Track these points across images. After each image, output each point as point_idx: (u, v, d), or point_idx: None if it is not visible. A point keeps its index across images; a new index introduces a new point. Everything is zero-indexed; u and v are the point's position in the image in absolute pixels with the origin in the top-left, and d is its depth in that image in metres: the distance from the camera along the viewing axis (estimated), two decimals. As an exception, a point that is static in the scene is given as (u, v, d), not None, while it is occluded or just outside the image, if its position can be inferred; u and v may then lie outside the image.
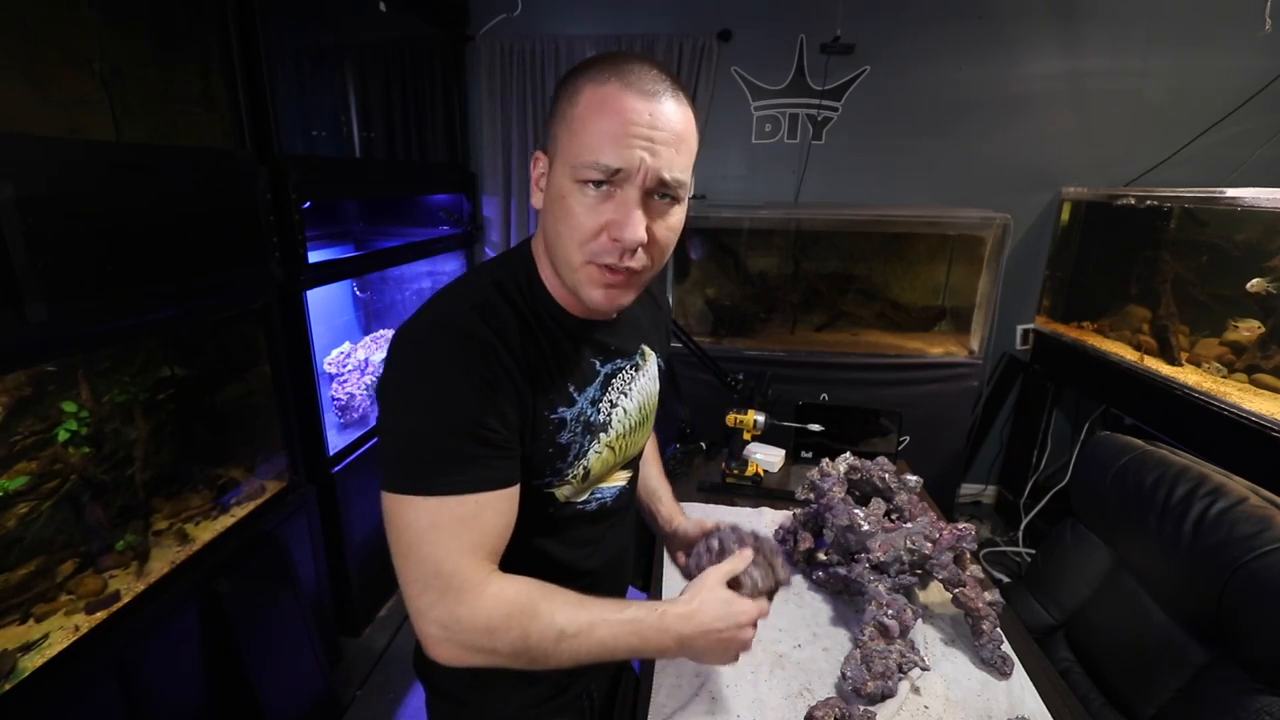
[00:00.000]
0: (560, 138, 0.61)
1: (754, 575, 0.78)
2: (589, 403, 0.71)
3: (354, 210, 2.61)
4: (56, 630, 1.16)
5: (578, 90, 0.60)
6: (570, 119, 0.60)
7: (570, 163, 0.59)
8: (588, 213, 0.60)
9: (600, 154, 0.57)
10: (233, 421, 1.65)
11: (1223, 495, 1.05)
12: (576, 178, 0.59)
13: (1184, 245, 2.16)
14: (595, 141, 0.57)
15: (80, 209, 1.08)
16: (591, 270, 0.63)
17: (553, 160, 0.62)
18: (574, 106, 0.59)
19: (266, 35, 1.51)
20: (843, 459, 1.33)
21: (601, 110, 0.58)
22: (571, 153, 0.59)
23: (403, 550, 0.61)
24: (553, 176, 0.62)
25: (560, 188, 0.61)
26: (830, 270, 2.82)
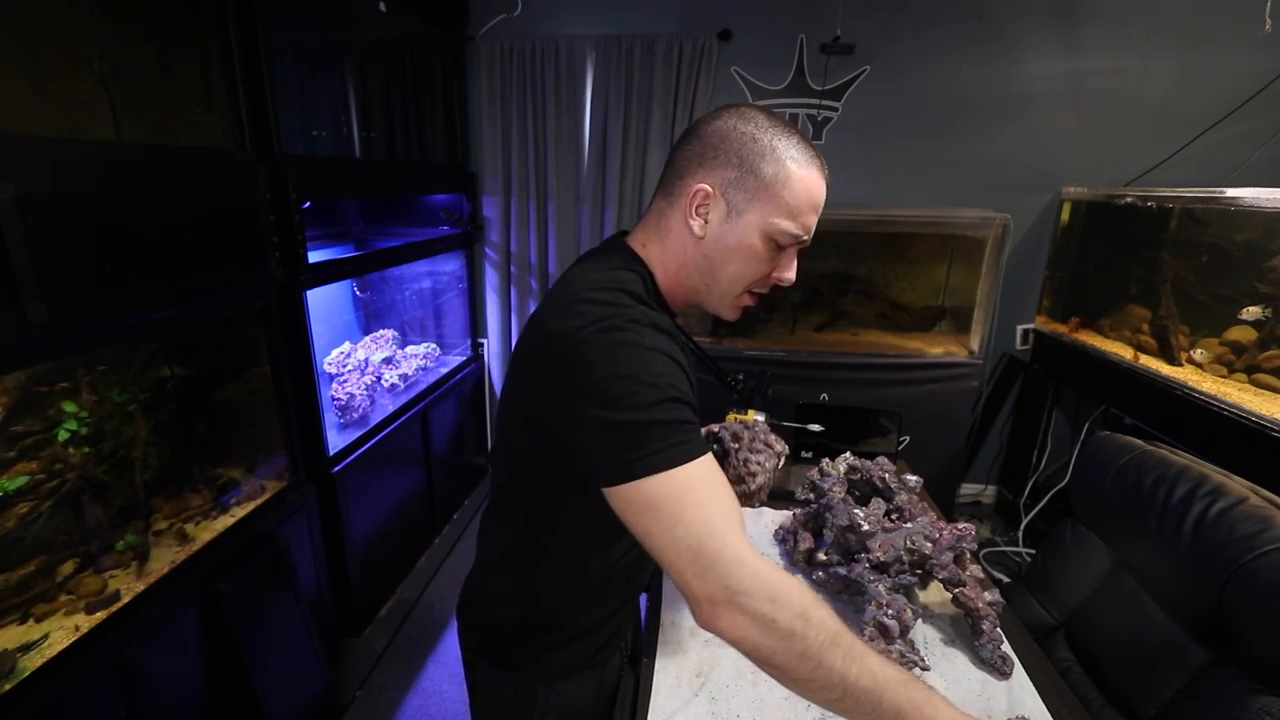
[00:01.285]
0: (759, 197, 0.71)
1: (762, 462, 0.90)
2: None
3: (354, 210, 2.61)
4: (56, 630, 1.16)
5: (786, 168, 0.70)
6: (778, 190, 0.71)
7: (769, 220, 0.72)
8: (766, 262, 0.75)
9: (804, 230, 0.73)
10: (233, 421, 1.65)
11: (1223, 495, 1.05)
12: (771, 235, 0.72)
13: (1184, 245, 2.16)
14: (802, 219, 0.73)
15: (80, 209, 1.08)
16: (744, 299, 0.79)
17: (737, 208, 0.72)
18: (785, 183, 0.71)
19: (266, 35, 1.51)
20: (843, 459, 1.33)
21: (810, 194, 0.72)
22: (774, 216, 0.71)
23: (664, 529, 0.60)
24: (737, 224, 0.72)
25: (747, 238, 0.73)
26: (830, 270, 2.82)
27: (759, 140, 0.71)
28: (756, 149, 0.71)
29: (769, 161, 0.70)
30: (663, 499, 0.60)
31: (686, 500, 0.60)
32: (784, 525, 1.34)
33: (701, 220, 0.73)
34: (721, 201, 0.72)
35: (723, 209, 0.72)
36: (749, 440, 0.90)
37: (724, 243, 0.73)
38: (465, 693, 1.07)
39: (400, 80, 2.47)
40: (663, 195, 0.77)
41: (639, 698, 0.93)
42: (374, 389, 2.25)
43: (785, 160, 0.70)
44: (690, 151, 0.74)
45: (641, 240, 0.78)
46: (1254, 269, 1.89)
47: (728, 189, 0.72)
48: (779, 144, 0.71)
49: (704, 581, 0.59)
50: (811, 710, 0.90)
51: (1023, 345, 2.77)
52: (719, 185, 0.72)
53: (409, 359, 2.51)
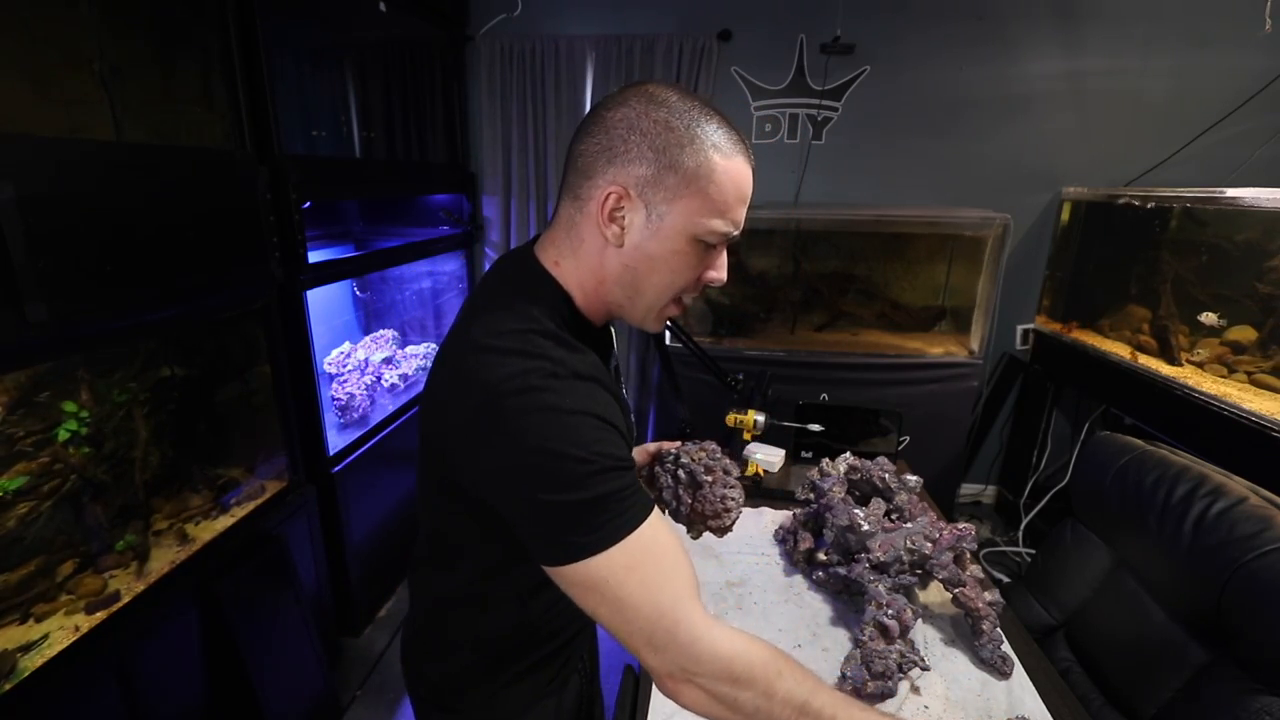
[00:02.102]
0: (680, 195, 0.61)
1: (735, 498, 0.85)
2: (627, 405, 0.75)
3: (354, 210, 2.61)
4: (56, 630, 1.16)
5: (704, 155, 0.61)
6: (700, 181, 0.61)
7: (696, 220, 0.62)
8: (694, 266, 0.65)
9: (734, 226, 0.64)
10: (233, 421, 1.65)
11: (1223, 495, 1.05)
12: (699, 237, 0.63)
13: (1184, 245, 2.16)
14: (731, 214, 0.63)
15: (80, 209, 1.08)
16: (670, 308, 0.68)
17: (657, 211, 0.62)
18: (708, 175, 0.61)
19: (266, 35, 1.51)
20: (843, 459, 1.33)
21: (737, 186, 0.63)
22: (701, 215, 0.62)
23: (612, 610, 0.57)
24: (659, 228, 0.62)
25: (672, 243, 0.63)
26: (830, 270, 2.82)
27: (674, 127, 0.60)
28: (673, 138, 0.60)
29: (689, 152, 0.60)
30: (605, 580, 0.56)
31: (631, 580, 0.56)
32: (784, 525, 1.34)
33: (617, 227, 0.63)
34: (639, 204, 0.62)
35: (641, 212, 0.62)
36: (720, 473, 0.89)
37: (646, 251, 0.63)
38: None
39: (400, 80, 2.47)
40: (570, 199, 0.66)
41: (639, 698, 0.93)
42: (374, 389, 2.25)
43: (708, 149, 0.60)
44: (596, 145, 0.62)
45: (553, 256, 0.68)
46: (1254, 269, 1.89)
47: (644, 189, 0.61)
48: (699, 130, 0.60)
49: (661, 660, 0.57)
50: (811, 710, 0.90)
51: (1023, 345, 2.76)
52: (634, 185, 0.61)
53: (409, 359, 2.51)
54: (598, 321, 0.71)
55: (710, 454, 0.89)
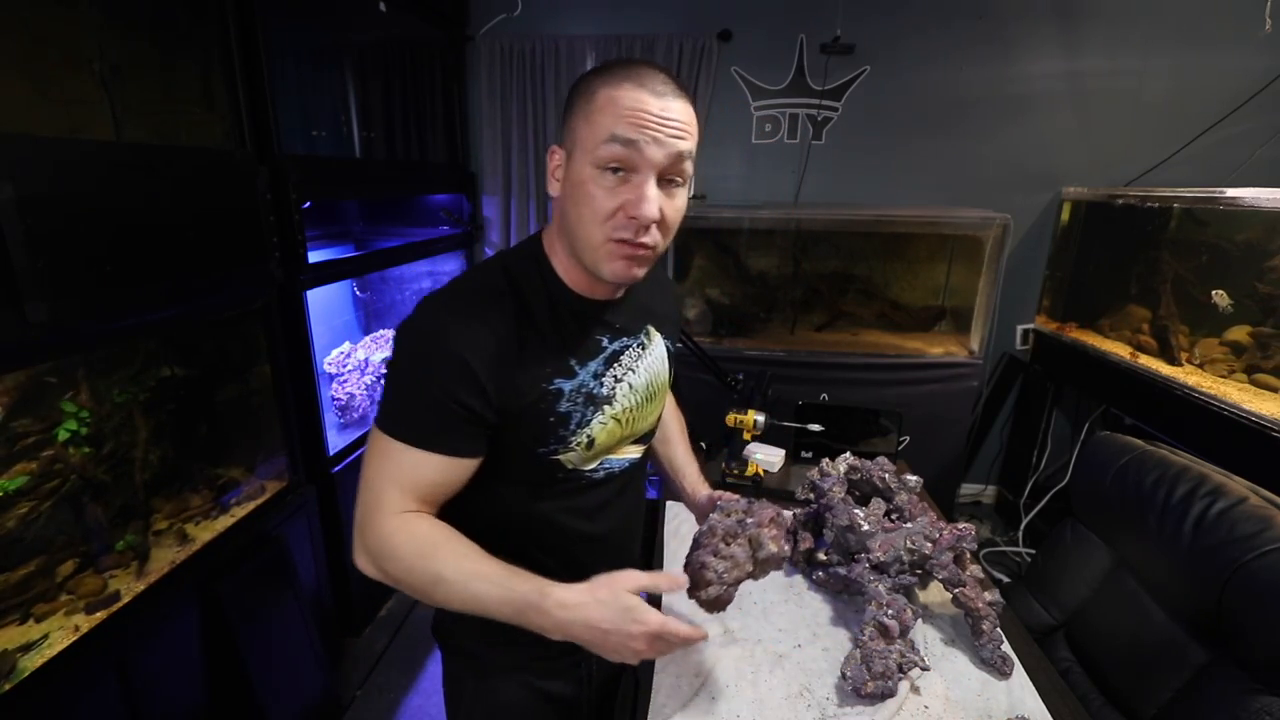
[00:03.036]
0: (578, 130, 0.68)
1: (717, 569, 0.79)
2: (590, 376, 0.77)
3: (354, 210, 2.61)
4: (56, 630, 1.16)
5: (594, 90, 0.67)
6: (589, 113, 0.67)
7: (590, 150, 0.67)
8: (607, 195, 0.68)
9: (623, 142, 0.65)
10: (233, 421, 1.65)
11: (1223, 495, 1.05)
12: (596, 163, 0.67)
13: (1184, 245, 2.16)
14: (613, 127, 0.65)
15: (80, 209, 1.08)
16: (611, 246, 0.70)
17: (571, 152, 0.70)
18: (591, 103, 0.67)
19: (266, 35, 1.51)
20: (843, 459, 1.33)
21: (618, 104, 0.66)
22: (590, 141, 0.67)
23: (363, 471, 0.73)
24: (572, 166, 0.70)
25: (580, 175, 0.68)
26: (830, 270, 2.82)
27: (582, 84, 0.70)
28: (577, 90, 0.70)
29: (583, 94, 0.69)
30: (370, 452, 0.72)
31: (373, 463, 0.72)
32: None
33: (556, 181, 0.73)
34: (562, 153, 0.72)
35: (564, 160, 0.72)
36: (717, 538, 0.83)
37: (567, 191, 0.71)
38: None
39: (400, 80, 2.47)
40: None
41: (639, 698, 0.93)
42: (374, 389, 2.25)
43: (596, 86, 0.68)
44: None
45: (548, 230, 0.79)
46: (1254, 269, 1.89)
47: (564, 138, 0.72)
48: (595, 74, 0.69)
49: (356, 529, 0.73)
50: (811, 710, 0.90)
51: (1023, 345, 2.77)
52: (565, 143, 0.72)
53: (409, 359, 2.51)
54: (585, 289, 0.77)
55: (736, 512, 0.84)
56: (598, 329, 0.79)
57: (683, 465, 1.09)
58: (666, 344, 0.90)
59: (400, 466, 0.71)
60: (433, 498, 0.73)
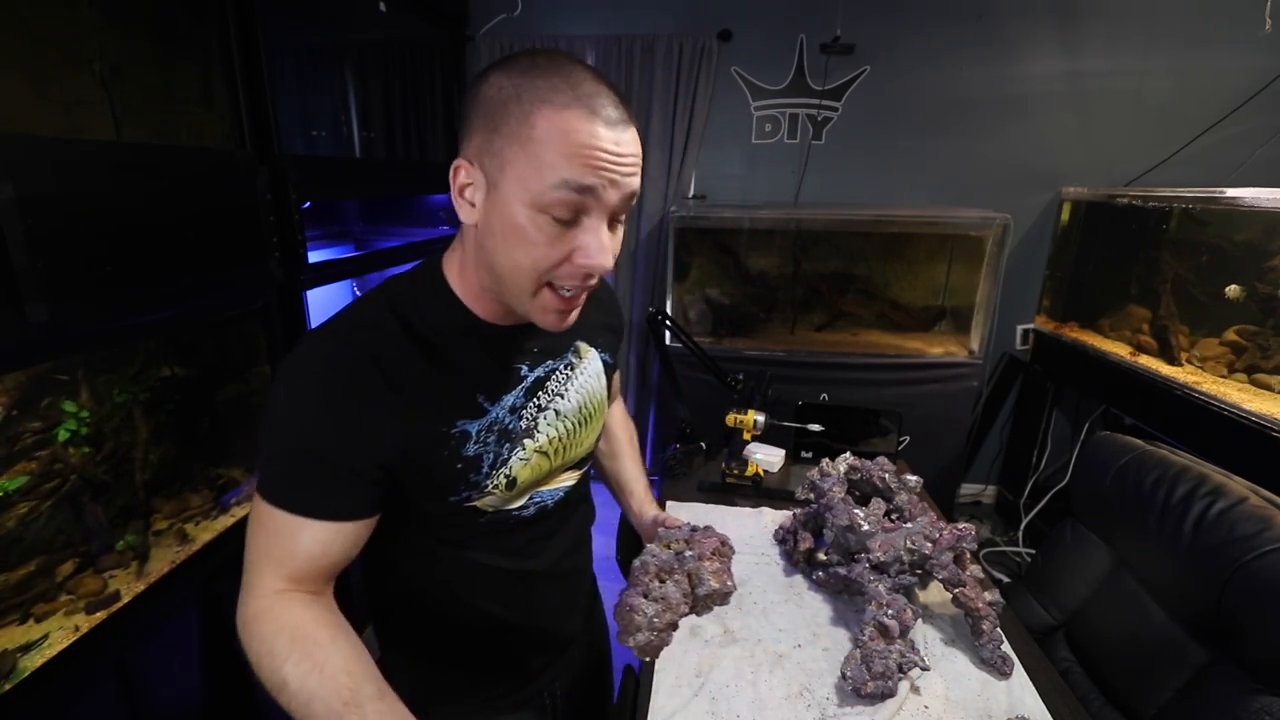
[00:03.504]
0: (508, 156, 0.56)
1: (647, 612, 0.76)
2: (506, 411, 0.69)
3: (354, 210, 2.61)
4: (56, 630, 1.16)
5: (532, 112, 0.54)
6: (527, 141, 0.54)
7: (532, 190, 0.55)
8: (551, 242, 0.57)
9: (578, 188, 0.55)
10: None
11: (1223, 495, 1.05)
12: (538, 205, 0.56)
13: (1184, 245, 2.16)
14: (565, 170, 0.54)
15: (80, 209, 1.08)
16: (547, 298, 0.61)
17: (495, 180, 0.57)
18: (530, 128, 0.54)
19: (266, 35, 1.51)
20: (843, 459, 1.33)
21: (568, 140, 0.54)
22: (534, 180, 0.55)
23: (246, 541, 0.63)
24: (498, 199, 0.57)
25: (513, 214, 0.56)
26: (830, 270, 2.82)
27: (505, 87, 0.55)
28: (501, 97, 0.55)
29: (514, 108, 0.54)
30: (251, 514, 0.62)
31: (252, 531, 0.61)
32: (784, 525, 1.34)
33: (468, 204, 0.60)
34: (479, 174, 0.58)
35: (483, 184, 0.58)
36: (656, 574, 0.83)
37: (489, 226, 0.59)
38: None
39: (400, 80, 2.47)
40: None
41: (639, 698, 0.93)
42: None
43: (534, 102, 0.54)
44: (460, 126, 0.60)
45: (449, 253, 0.68)
46: (1254, 269, 1.89)
47: (481, 157, 0.57)
48: (529, 84, 0.54)
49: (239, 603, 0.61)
50: (811, 710, 0.90)
51: (1023, 345, 2.77)
52: (475, 155, 0.58)
53: (409, 359, 2.51)
54: (493, 317, 0.67)
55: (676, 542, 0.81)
56: (515, 357, 0.70)
57: (630, 482, 1.03)
58: (603, 357, 0.82)
59: (274, 537, 0.60)
60: (315, 572, 0.61)
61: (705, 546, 0.84)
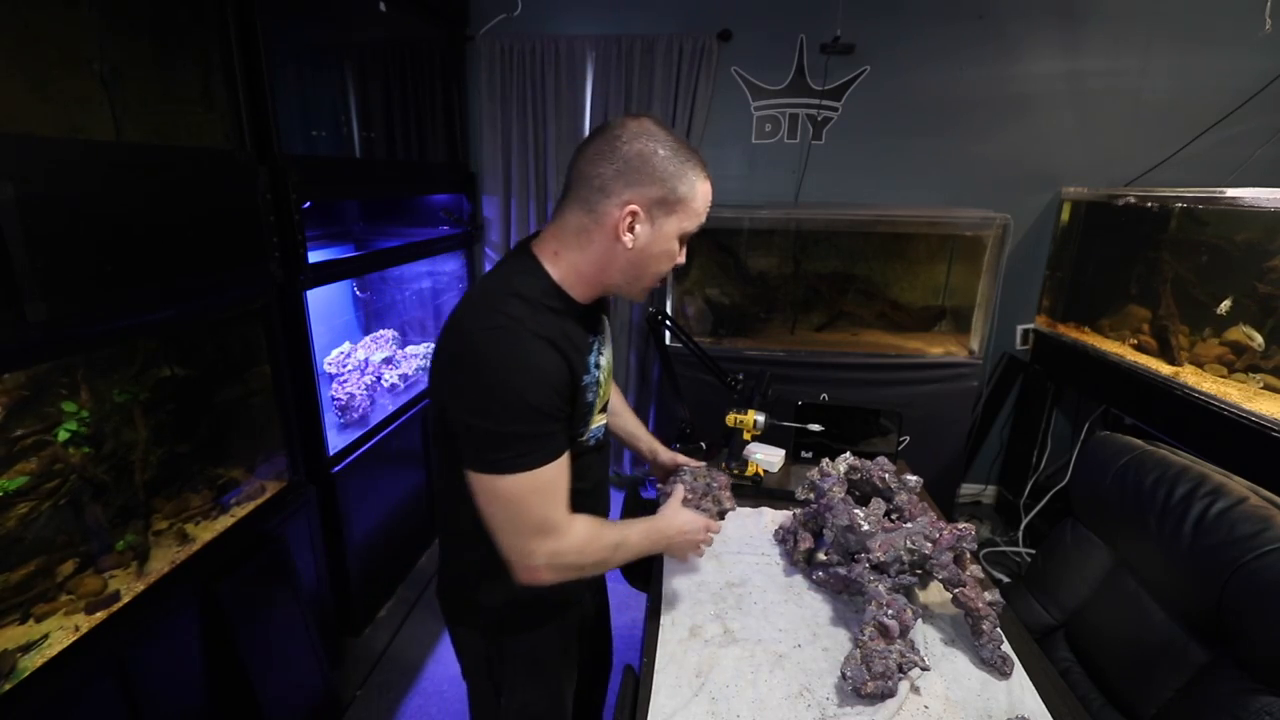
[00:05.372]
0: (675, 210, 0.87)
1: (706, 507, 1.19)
2: (594, 365, 0.94)
3: (354, 210, 2.61)
4: (56, 630, 1.16)
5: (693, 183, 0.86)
6: (688, 199, 0.87)
7: (683, 226, 0.88)
8: (675, 256, 0.91)
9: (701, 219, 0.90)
10: (232, 421, 1.65)
11: (1223, 495, 1.05)
12: (681, 235, 0.89)
13: (1184, 245, 2.16)
14: (701, 214, 0.90)
15: (80, 209, 1.08)
16: (653, 283, 0.93)
17: (658, 220, 0.87)
18: (691, 189, 0.86)
19: (266, 35, 1.51)
20: (843, 459, 1.33)
21: (708, 199, 0.90)
22: (686, 222, 0.88)
23: (507, 512, 0.83)
24: (658, 233, 0.87)
25: (667, 243, 0.89)
26: (830, 270, 2.82)
27: (672, 163, 0.84)
28: (674, 170, 0.84)
29: (683, 182, 0.85)
30: (508, 493, 0.82)
31: (517, 499, 0.82)
32: (784, 525, 1.34)
33: (630, 234, 0.86)
34: (646, 216, 0.86)
35: (648, 223, 0.86)
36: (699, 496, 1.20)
37: (649, 251, 0.88)
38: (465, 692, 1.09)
39: (400, 80, 2.47)
40: (582, 209, 0.86)
41: (639, 698, 0.94)
42: (374, 389, 2.25)
43: (694, 179, 0.86)
44: (611, 170, 0.84)
45: (552, 248, 0.90)
46: (1254, 269, 1.89)
47: (652, 207, 0.85)
48: (686, 165, 0.85)
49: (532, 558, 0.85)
50: (811, 710, 0.90)
51: (1023, 345, 2.77)
52: (644, 204, 0.85)
53: (409, 359, 2.51)
54: (584, 300, 0.92)
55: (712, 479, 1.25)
56: (588, 328, 0.94)
57: (636, 430, 1.34)
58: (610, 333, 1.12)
59: (546, 488, 0.84)
60: (567, 494, 0.88)
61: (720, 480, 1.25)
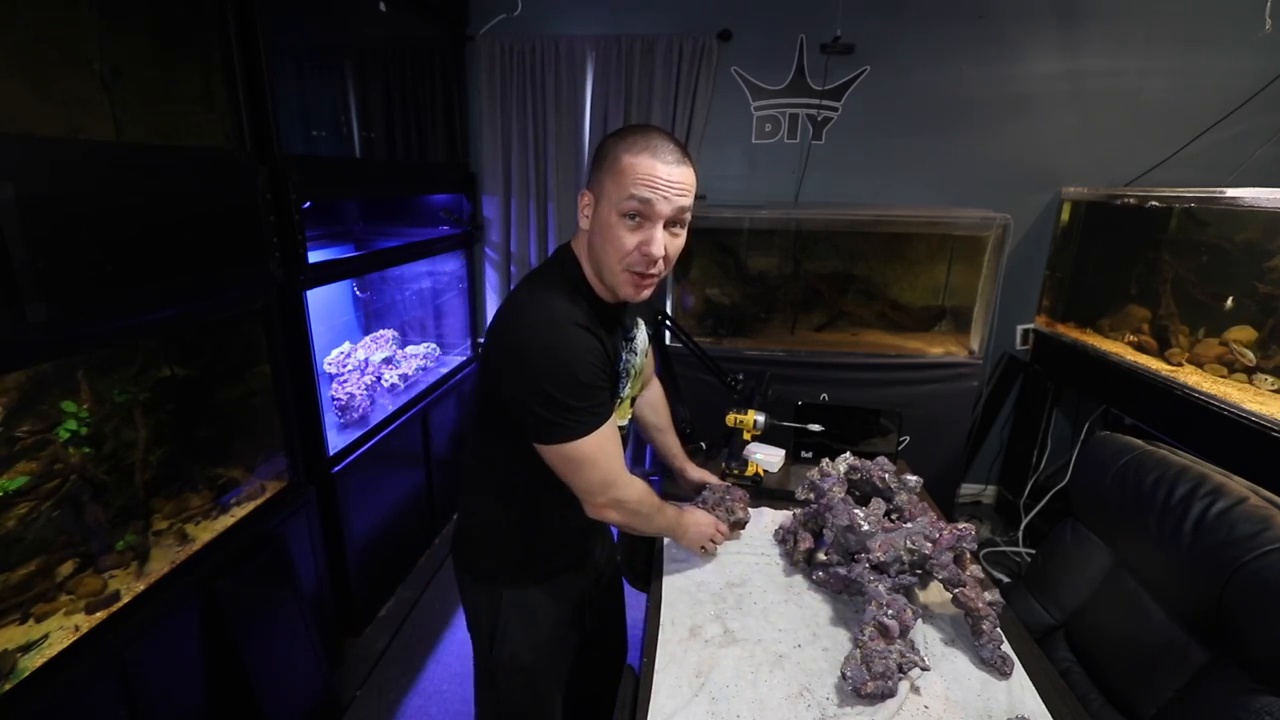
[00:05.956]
0: (605, 184, 0.92)
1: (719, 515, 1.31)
2: (624, 352, 1.06)
3: (354, 210, 2.61)
4: (56, 630, 1.16)
5: (618, 158, 0.90)
6: (615, 173, 0.90)
7: (615, 202, 0.91)
8: (627, 237, 0.92)
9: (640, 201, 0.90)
10: (233, 421, 1.65)
11: (1223, 495, 1.05)
12: (620, 212, 0.91)
13: (1184, 245, 2.16)
14: (632, 189, 0.89)
15: (80, 209, 1.08)
16: (625, 275, 0.95)
17: (598, 199, 0.94)
18: (616, 165, 0.90)
19: (266, 35, 1.51)
20: (843, 459, 1.33)
21: (635, 170, 0.89)
22: (616, 196, 0.90)
23: (582, 469, 0.96)
24: (600, 211, 0.93)
25: (607, 219, 0.92)
26: (830, 270, 2.82)
27: (608, 146, 0.93)
28: (605, 152, 0.93)
29: (610, 159, 0.92)
30: (574, 454, 0.94)
31: (587, 459, 0.95)
32: (784, 525, 1.34)
33: (586, 218, 0.96)
34: (591, 198, 0.95)
35: (592, 203, 0.95)
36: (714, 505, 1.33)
37: (596, 229, 0.94)
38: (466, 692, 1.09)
39: (400, 80, 2.47)
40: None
41: (639, 698, 0.94)
42: (374, 389, 2.25)
43: (621, 155, 0.91)
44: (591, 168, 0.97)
45: (576, 242, 1.02)
46: (1254, 269, 1.89)
47: (594, 188, 0.95)
48: (622, 142, 0.91)
49: (602, 504, 1.01)
50: (811, 710, 0.90)
51: (1023, 345, 2.77)
52: (593, 189, 0.95)
53: (409, 359, 2.51)
54: (606, 296, 1.00)
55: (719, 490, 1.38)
56: (613, 321, 1.03)
57: (674, 447, 1.46)
58: (649, 331, 1.22)
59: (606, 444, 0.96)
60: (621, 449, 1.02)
61: (736, 494, 1.37)
